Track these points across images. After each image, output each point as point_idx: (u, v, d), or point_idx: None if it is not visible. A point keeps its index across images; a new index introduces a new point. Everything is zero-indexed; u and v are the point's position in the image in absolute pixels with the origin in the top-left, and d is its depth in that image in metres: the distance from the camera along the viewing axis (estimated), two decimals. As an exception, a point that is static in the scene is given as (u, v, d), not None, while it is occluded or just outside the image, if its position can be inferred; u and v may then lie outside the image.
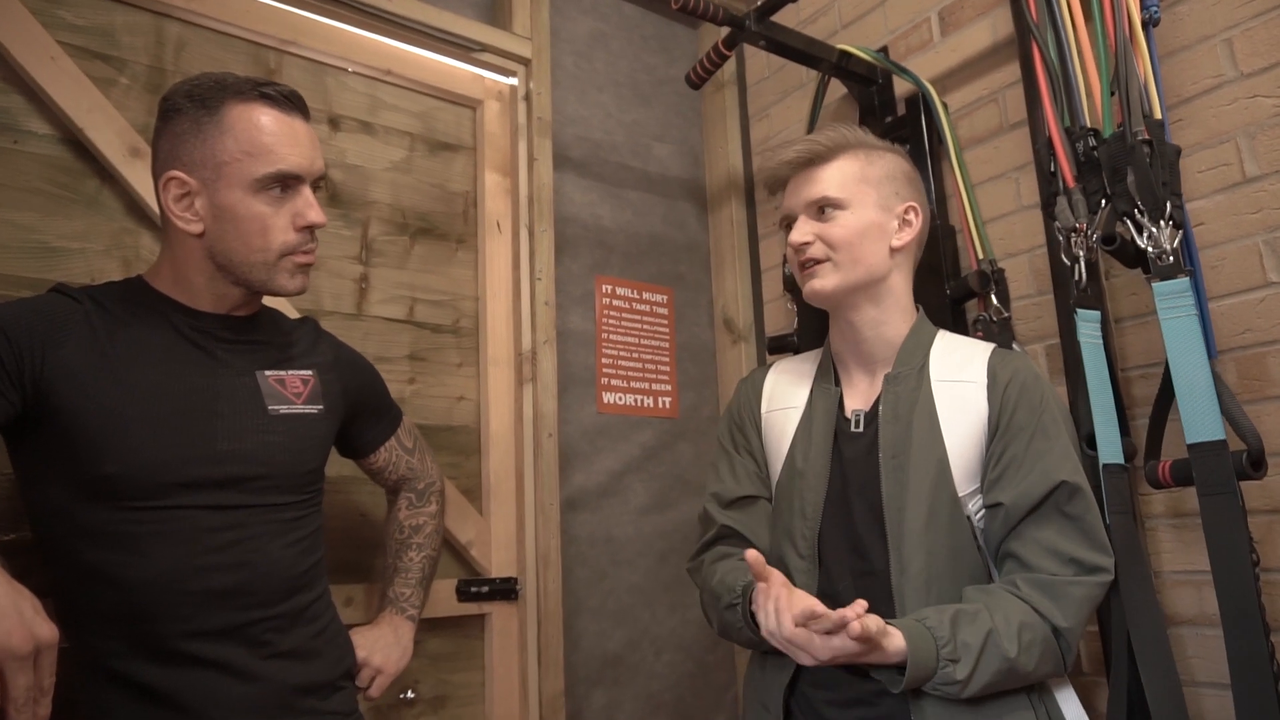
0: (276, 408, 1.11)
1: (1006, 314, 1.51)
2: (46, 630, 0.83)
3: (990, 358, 1.15)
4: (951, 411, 1.10)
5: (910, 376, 1.14)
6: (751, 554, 0.98)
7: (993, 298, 1.52)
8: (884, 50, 1.84)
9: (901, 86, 1.77)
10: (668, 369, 2.04)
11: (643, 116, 2.14)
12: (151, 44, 1.48)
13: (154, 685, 0.97)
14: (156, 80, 1.47)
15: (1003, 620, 0.98)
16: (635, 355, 2.00)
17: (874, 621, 0.92)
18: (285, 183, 1.05)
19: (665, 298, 2.08)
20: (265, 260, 1.05)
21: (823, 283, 1.15)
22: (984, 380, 1.11)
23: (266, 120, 1.04)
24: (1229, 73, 1.31)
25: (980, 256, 1.55)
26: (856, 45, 1.80)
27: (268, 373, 1.12)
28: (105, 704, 0.97)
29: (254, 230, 1.03)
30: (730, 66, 2.24)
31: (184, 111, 1.06)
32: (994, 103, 1.63)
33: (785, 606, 0.95)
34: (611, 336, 1.96)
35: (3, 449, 1.06)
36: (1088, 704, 1.35)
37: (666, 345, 2.05)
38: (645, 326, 2.03)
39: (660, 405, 2.01)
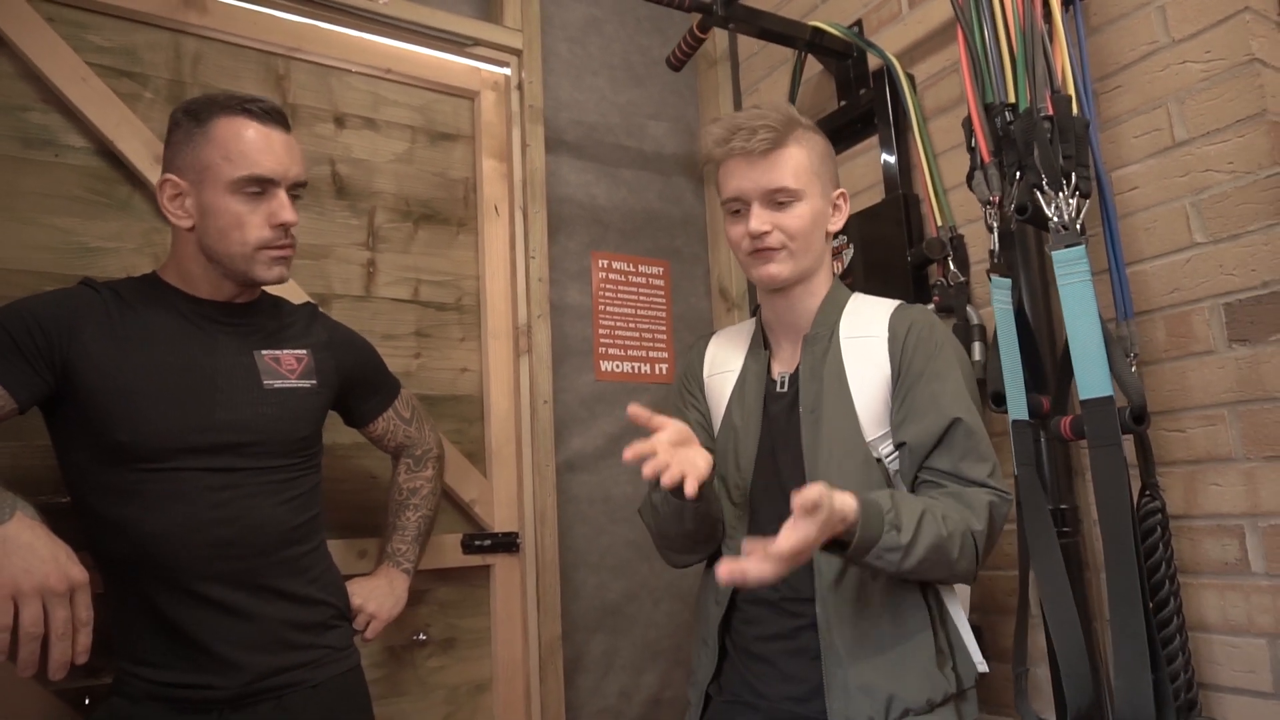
0: (271, 382, 1.26)
1: (963, 278, 1.58)
2: (78, 572, 1.01)
3: (892, 313, 1.24)
4: (857, 365, 1.20)
5: (824, 337, 1.24)
6: (632, 408, 1.09)
7: (950, 263, 1.59)
8: (858, 24, 1.89)
9: (874, 60, 1.82)
10: (665, 337, 2.16)
11: (637, 97, 2.23)
12: (171, 59, 1.65)
13: (172, 619, 1.15)
14: (176, 92, 1.64)
15: (929, 506, 1.08)
16: (632, 325, 2.12)
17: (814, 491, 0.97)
18: (261, 185, 1.19)
19: (661, 270, 2.19)
20: (243, 253, 1.20)
21: (779, 269, 1.22)
22: (885, 334, 1.21)
23: (246, 131, 1.19)
24: (1161, 39, 1.34)
25: (939, 224, 1.62)
26: (831, 21, 1.87)
27: (264, 351, 1.28)
28: (132, 633, 1.17)
29: (231, 225, 1.19)
30: (723, 43, 2.31)
31: (181, 125, 1.22)
32: (955, 73, 1.68)
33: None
34: (608, 309, 2.09)
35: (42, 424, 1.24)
36: (1034, 643, 1.45)
37: (663, 315, 2.17)
38: (642, 298, 2.15)
39: (658, 371, 2.13)
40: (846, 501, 1.01)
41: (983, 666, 1.15)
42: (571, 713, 1.85)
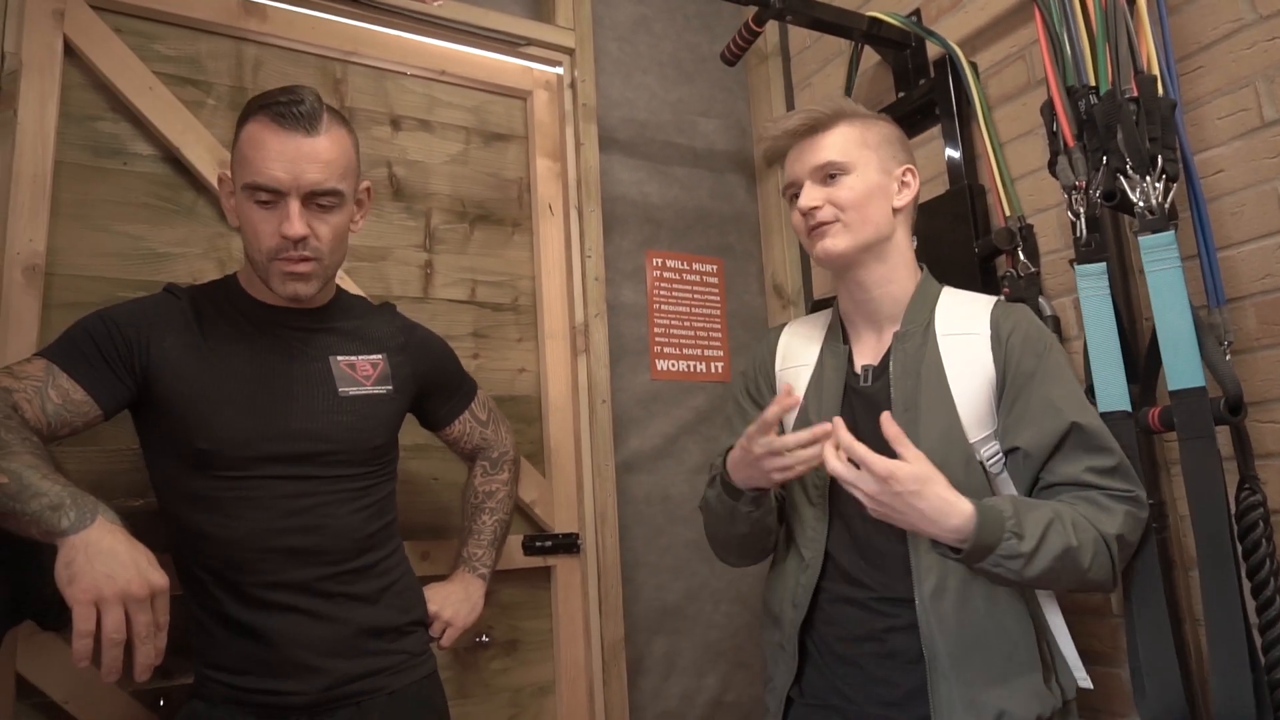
0: (347, 390, 1.25)
1: (1034, 269, 1.54)
2: (159, 578, 1.00)
3: (993, 310, 1.19)
4: (958, 363, 1.16)
5: (917, 333, 1.20)
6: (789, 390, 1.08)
7: (1020, 254, 1.55)
8: (916, 13, 1.85)
9: (934, 49, 1.79)
10: (719, 335, 2.14)
11: (687, 94, 2.22)
12: (232, 66, 1.67)
13: (247, 623, 1.15)
14: (238, 99, 1.65)
15: (1059, 514, 1.03)
16: (687, 324, 2.10)
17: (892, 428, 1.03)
18: (268, 194, 1.13)
19: (715, 267, 2.17)
20: (259, 261, 1.17)
21: (834, 242, 1.19)
22: (988, 332, 1.16)
23: (262, 135, 1.13)
24: (1247, 16, 1.29)
25: (1008, 214, 1.58)
26: (888, 11, 1.83)
27: (339, 358, 1.27)
28: (212, 638, 1.17)
29: (248, 231, 1.17)
30: (774, 37, 2.28)
31: (238, 122, 1.21)
32: (1021, 59, 1.64)
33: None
34: (663, 307, 2.07)
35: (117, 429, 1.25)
36: (1118, 644, 1.40)
37: (717, 313, 2.15)
38: (696, 296, 2.13)
39: (713, 370, 2.11)
40: (956, 506, 1.00)
41: (1085, 682, 1.11)
42: (635, 715, 1.83)
